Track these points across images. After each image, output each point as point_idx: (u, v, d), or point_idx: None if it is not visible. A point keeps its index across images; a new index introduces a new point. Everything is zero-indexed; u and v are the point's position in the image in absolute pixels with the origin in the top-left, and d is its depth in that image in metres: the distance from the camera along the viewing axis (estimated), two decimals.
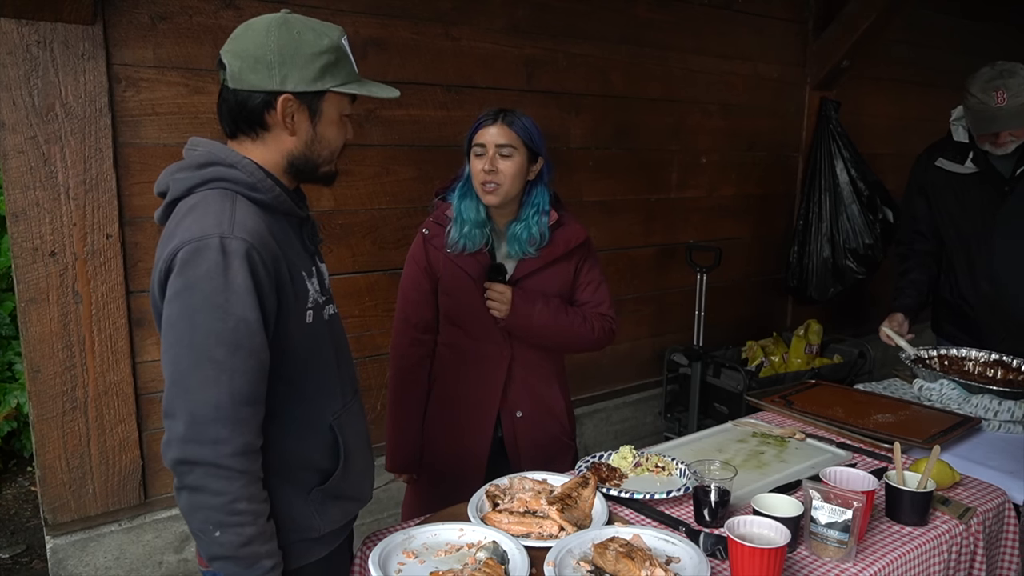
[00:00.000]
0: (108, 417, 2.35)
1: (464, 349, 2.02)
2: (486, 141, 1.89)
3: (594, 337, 2.01)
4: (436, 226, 2.00)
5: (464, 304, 1.98)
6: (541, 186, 1.97)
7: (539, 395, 2.06)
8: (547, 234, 1.96)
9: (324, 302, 1.42)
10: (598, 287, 2.05)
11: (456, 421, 2.04)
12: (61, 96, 2.15)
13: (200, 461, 1.18)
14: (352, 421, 1.46)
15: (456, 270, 1.96)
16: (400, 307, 2.06)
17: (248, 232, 1.23)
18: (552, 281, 1.99)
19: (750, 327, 4.12)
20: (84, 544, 2.40)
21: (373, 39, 2.67)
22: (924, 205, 2.85)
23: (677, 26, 3.53)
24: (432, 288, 2.01)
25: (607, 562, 1.36)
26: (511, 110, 1.93)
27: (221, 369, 1.19)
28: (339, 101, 1.36)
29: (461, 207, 1.94)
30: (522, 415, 2.04)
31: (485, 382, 2.01)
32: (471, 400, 2.03)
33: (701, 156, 3.78)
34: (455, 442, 2.04)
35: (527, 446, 2.04)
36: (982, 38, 5.01)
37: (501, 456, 2.06)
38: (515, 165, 1.89)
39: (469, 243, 1.93)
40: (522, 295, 1.92)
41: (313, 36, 1.30)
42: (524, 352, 2.01)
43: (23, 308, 2.19)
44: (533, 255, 1.96)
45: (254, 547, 1.22)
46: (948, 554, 1.63)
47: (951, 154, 2.73)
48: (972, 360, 2.60)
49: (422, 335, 2.04)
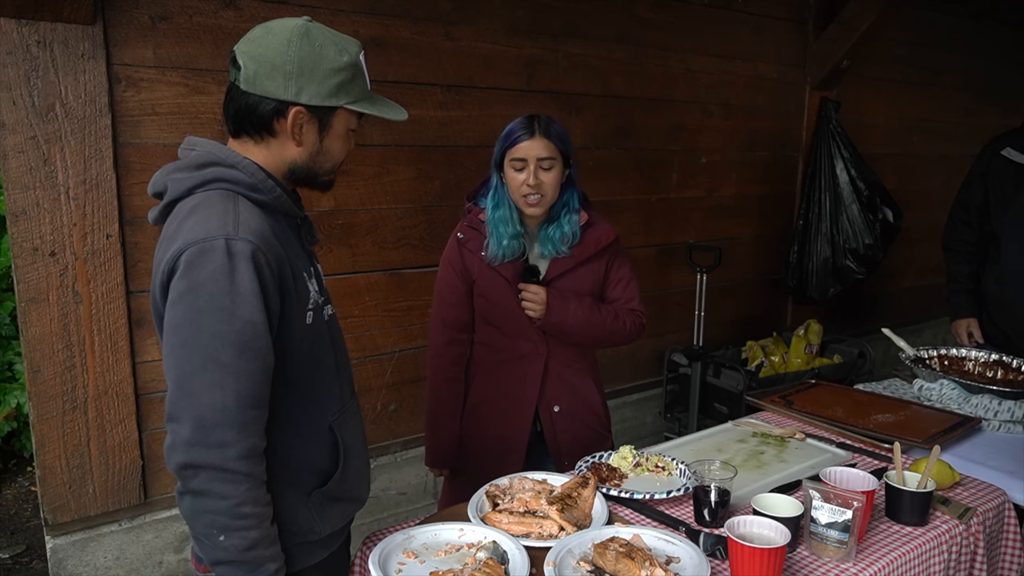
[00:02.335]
0: (108, 417, 2.35)
1: (501, 348, 2.07)
2: (527, 155, 1.90)
3: (626, 332, 2.06)
4: (470, 230, 2.03)
5: (500, 305, 2.02)
6: (571, 187, 2.01)
7: (575, 389, 2.10)
8: (579, 233, 2.00)
9: (323, 302, 1.42)
10: (628, 284, 2.10)
11: (495, 417, 2.09)
12: (61, 96, 2.15)
13: (206, 465, 1.17)
14: (351, 422, 1.46)
15: (491, 273, 2.00)
16: (436, 308, 2.10)
17: (253, 233, 1.23)
18: (584, 280, 2.03)
19: (750, 327, 4.12)
20: (84, 544, 2.40)
21: (373, 39, 2.67)
22: (982, 195, 2.87)
23: (677, 26, 3.53)
24: (467, 290, 2.05)
25: (607, 562, 1.36)
26: (541, 117, 1.94)
27: (227, 372, 1.18)
28: (348, 117, 1.36)
29: (496, 219, 1.97)
30: (559, 409, 2.08)
31: (523, 379, 2.06)
32: (510, 396, 2.07)
33: (701, 156, 3.79)
34: (495, 437, 2.09)
35: (566, 439, 2.09)
36: (982, 38, 5.02)
37: (541, 450, 2.12)
38: (556, 175, 1.93)
39: (508, 253, 1.97)
40: (556, 295, 1.96)
41: (335, 52, 1.29)
42: (559, 349, 2.05)
43: (23, 308, 2.19)
44: (566, 253, 1.99)
45: (258, 551, 1.22)
46: (948, 554, 1.62)
47: (1019, 144, 2.76)
48: (972, 360, 2.60)
49: (459, 335, 2.09)
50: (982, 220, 2.91)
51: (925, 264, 5.08)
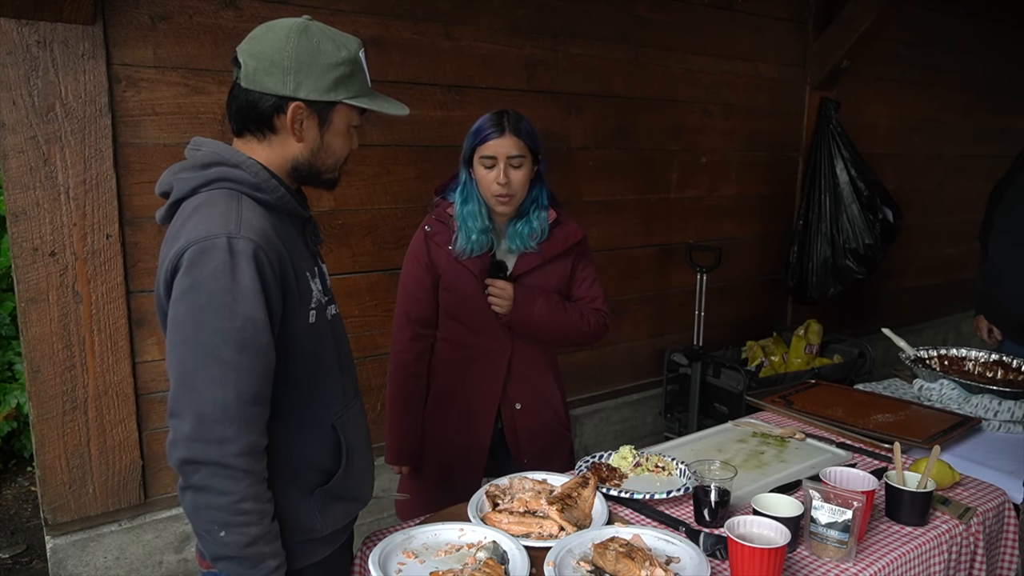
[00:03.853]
0: (108, 417, 2.35)
1: (465, 344, 2.05)
2: (496, 153, 1.90)
3: (590, 331, 2.06)
4: (438, 223, 2.02)
5: (466, 300, 2.00)
6: (540, 183, 2.01)
7: (536, 387, 2.10)
8: (547, 229, 2.00)
9: (327, 302, 1.42)
10: (592, 283, 2.10)
11: (458, 414, 2.07)
12: (61, 96, 2.15)
13: (206, 461, 1.18)
14: (354, 421, 1.46)
15: (458, 267, 1.99)
16: (401, 302, 2.08)
17: (255, 232, 1.23)
18: (551, 277, 2.03)
19: (750, 327, 4.12)
20: (84, 544, 2.40)
21: (373, 39, 2.67)
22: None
23: (677, 26, 3.53)
24: (433, 284, 2.04)
25: (607, 562, 1.36)
26: (510, 113, 1.94)
27: (228, 368, 1.19)
28: (348, 113, 1.37)
29: (465, 213, 1.96)
30: (521, 407, 2.07)
31: (487, 376, 2.04)
32: (473, 393, 2.06)
33: (701, 156, 3.79)
34: (457, 434, 2.07)
35: (526, 437, 2.08)
36: (982, 38, 5.02)
37: (501, 447, 2.10)
38: (525, 173, 1.93)
39: (476, 248, 1.96)
40: (523, 291, 1.96)
41: (332, 47, 1.31)
42: (523, 346, 2.04)
43: (23, 308, 2.19)
44: (534, 249, 1.99)
45: (259, 547, 1.22)
46: (948, 554, 1.63)
47: None
48: (972, 360, 2.60)
49: (422, 330, 2.07)
50: None
51: (925, 264, 5.08)
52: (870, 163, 4.07)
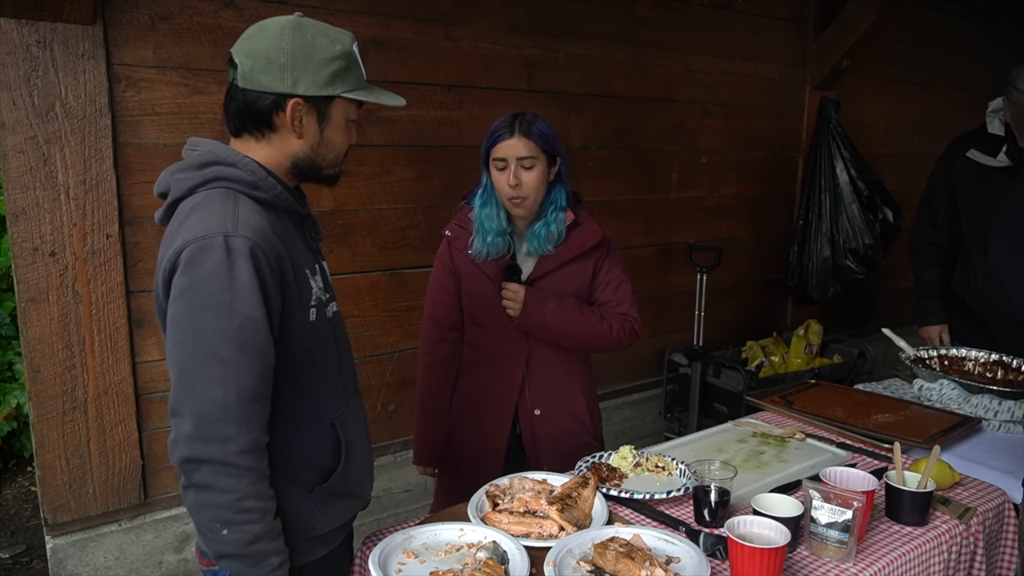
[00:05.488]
0: (108, 417, 2.35)
1: (485, 348, 2.06)
2: (507, 155, 1.90)
3: (613, 336, 1.99)
4: (458, 228, 2.04)
5: (483, 303, 2.02)
6: (560, 184, 1.99)
7: (558, 394, 2.07)
8: (564, 232, 1.97)
9: (327, 300, 1.43)
10: (618, 287, 2.04)
11: (477, 417, 2.08)
12: (61, 96, 2.15)
13: (207, 459, 1.18)
14: (353, 419, 1.47)
15: (476, 271, 2.00)
16: (428, 306, 2.11)
17: (252, 230, 1.24)
18: (569, 280, 2.00)
19: (750, 327, 4.12)
20: (84, 544, 2.40)
21: (373, 39, 2.67)
22: (948, 197, 2.84)
23: (677, 26, 3.53)
24: (456, 288, 2.06)
25: (607, 562, 1.36)
26: (524, 114, 1.93)
27: (227, 367, 1.19)
28: (347, 106, 1.37)
29: (482, 216, 1.97)
30: (540, 413, 2.05)
31: (503, 379, 2.04)
32: (490, 397, 2.06)
33: (701, 156, 3.79)
34: (476, 438, 2.08)
35: (546, 445, 2.06)
36: (982, 38, 5.01)
37: (520, 453, 2.10)
38: (538, 174, 1.92)
39: (493, 250, 1.97)
40: (535, 294, 1.95)
41: (326, 41, 1.31)
42: (542, 351, 2.03)
43: (23, 308, 2.19)
44: (551, 252, 1.98)
45: (261, 545, 1.23)
46: (948, 554, 1.62)
47: (983, 146, 2.72)
48: (972, 360, 2.60)
49: (448, 333, 2.09)
50: (950, 222, 2.88)
51: None
52: (870, 163, 4.07)
